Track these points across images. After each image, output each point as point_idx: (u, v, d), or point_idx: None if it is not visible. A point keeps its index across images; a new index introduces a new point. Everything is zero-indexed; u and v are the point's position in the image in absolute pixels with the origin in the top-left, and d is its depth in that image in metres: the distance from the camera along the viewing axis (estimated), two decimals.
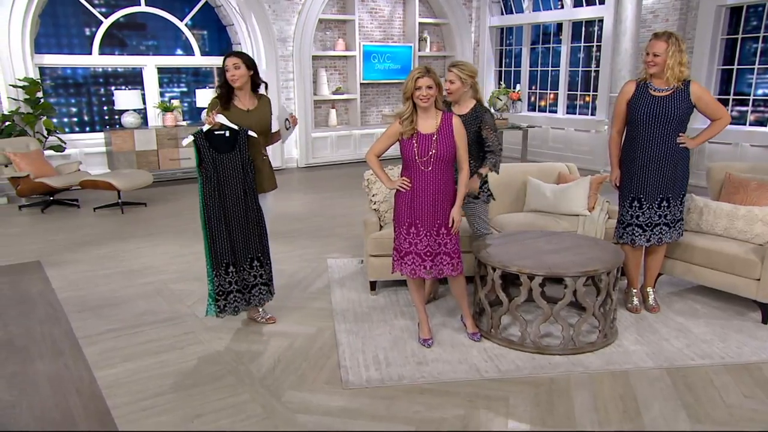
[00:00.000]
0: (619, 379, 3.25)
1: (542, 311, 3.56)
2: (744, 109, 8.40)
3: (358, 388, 3.19)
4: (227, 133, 3.65)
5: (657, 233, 3.94)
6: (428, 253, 3.50)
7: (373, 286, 4.48)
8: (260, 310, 4.03)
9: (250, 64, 3.79)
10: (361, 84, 10.86)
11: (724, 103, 8.57)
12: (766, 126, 7.99)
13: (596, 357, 3.48)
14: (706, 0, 8.28)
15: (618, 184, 4.07)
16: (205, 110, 3.93)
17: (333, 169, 10.40)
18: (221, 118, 3.63)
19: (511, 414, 2.95)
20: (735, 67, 8.40)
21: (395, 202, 3.57)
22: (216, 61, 10.28)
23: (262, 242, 3.86)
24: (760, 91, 8.32)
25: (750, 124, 8.26)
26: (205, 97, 9.22)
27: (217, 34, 11.10)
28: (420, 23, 11.21)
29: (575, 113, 10.59)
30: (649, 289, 4.17)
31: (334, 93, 10.80)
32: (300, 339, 3.79)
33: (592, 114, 10.15)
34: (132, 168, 8.54)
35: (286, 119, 4.11)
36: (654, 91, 3.80)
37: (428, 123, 3.42)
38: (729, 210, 4.17)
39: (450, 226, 3.49)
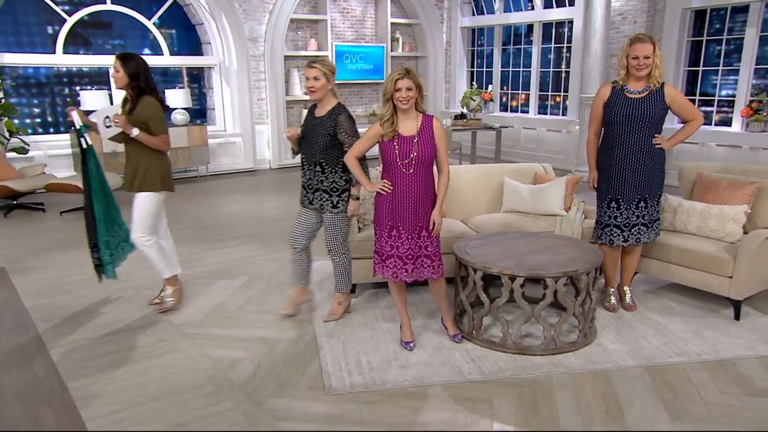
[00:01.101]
0: (600, 379, 3.28)
1: (522, 312, 3.58)
2: (709, 109, 8.61)
3: (342, 394, 3.15)
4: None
5: (635, 233, 4.00)
6: (410, 256, 3.48)
7: (352, 288, 4.43)
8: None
9: (131, 71, 3.97)
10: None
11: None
12: (730, 126, 8.20)
13: (577, 357, 3.51)
14: (672, 3, 8.46)
15: (596, 185, 4.11)
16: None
17: None
18: (74, 116, 3.95)
19: (495, 416, 2.95)
20: (700, 68, 8.61)
21: (376, 204, 3.54)
22: (186, 60, 10.12)
23: (91, 231, 4.11)
24: (723, 92, 8.54)
25: (715, 124, 8.46)
26: (175, 97, 9.05)
27: (186, 34, 10.91)
28: (392, 23, 11.21)
29: (546, 113, 10.72)
30: (626, 288, 4.23)
31: (306, 93, 10.69)
32: (280, 344, 3.73)
33: (563, 114, 10.29)
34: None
35: (106, 117, 4.06)
36: (630, 93, 3.86)
37: (409, 125, 3.39)
38: (702, 209, 4.26)
39: (431, 228, 3.48)
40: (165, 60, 9.84)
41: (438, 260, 3.55)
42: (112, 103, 9.11)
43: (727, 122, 8.30)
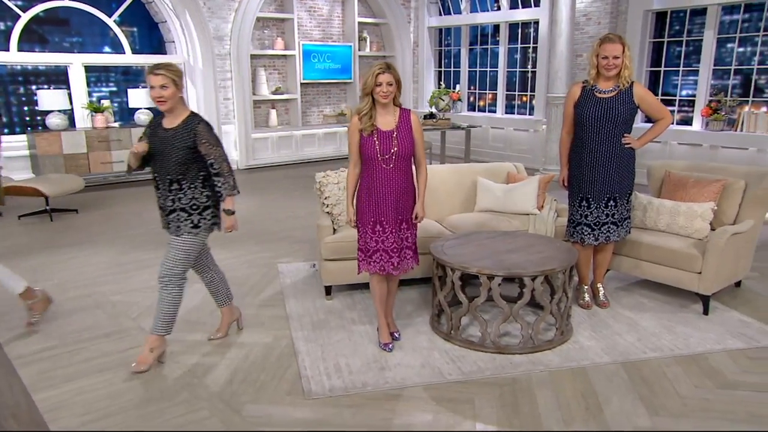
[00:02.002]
0: (579, 376, 3.31)
1: (498, 311, 3.59)
2: (671, 108, 8.81)
3: (322, 398, 3.10)
4: None
5: (605, 232, 4.05)
6: (395, 249, 3.48)
7: (328, 290, 4.39)
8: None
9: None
10: (301, 84, 10.69)
11: None
12: (691, 125, 8.42)
13: (555, 354, 3.54)
14: (634, 4, 8.64)
15: (566, 184, 4.16)
16: None
17: (275, 171, 10.19)
18: None
19: (477, 416, 2.94)
20: (662, 69, 8.82)
21: (357, 201, 3.52)
22: (149, 59, 9.87)
23: None
24: (684, 92, 8.77)
25: (677, 124, 8.68)
26: (138, 97, 8.81)
27: (148, 32, 10.67)
28: (359, 23, 11.17)
29: (514, 113, 10.84)
30: (599, 285, 4.29)
31: (273, 93, 10.59)
32: (256, 349, 3.65)
33: (530, 114, 10.41)
34: (60, 172, 8.03)
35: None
36: (599, 93, 3.89)
37: (387, 119, 3.39)
38: (671, 207, 4.35)
39: (412, 220, 3.51)
40: (127, 59, 9.60)
41: (415, 251, 3.60)
42: (71, 104, 8.83)
43: (688, 121, 8.52)
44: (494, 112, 11.04)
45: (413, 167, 3.55)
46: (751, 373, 3.31)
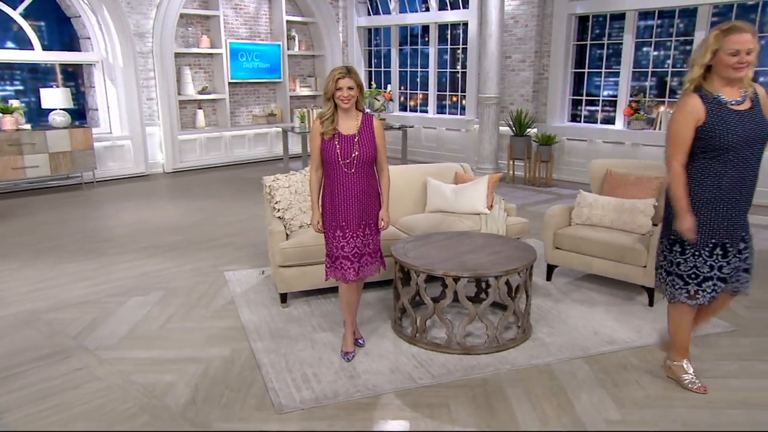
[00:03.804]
0: (545, 373, 3.37)
1: (458, 311, 3.60)
2: (594, 108, 9.26)
3: (293, 411, 2.98)
4: None
5: (737, 281, 3.10)
6: (356, 255, 3.40)
7: (284, 298, 4.24)
8: None
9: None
10: (229, 83, 10.35)
11: (578, 103, 9.39)
12: (614, 124, 8.86)
13: (519, 353, 3.59)
14: (558, 8, 8.98)
15: (688, 231, 2.93)
16: None
17: (204, 174, 9.81)
18: None
19: (455, 420, 2.93)
20: (586, 70, 9.22)
21: (322, 206, 3.44)
22: (63, 56, 9.23)
23: None
24: (606, 93, 9.21)
25: (600, 123, 9.11)
26: (52, 97, 8.21)
27: (57, 27, 10.00)
28: (287, 21, 10.96)
29: (445, 113, 10.99)
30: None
31: (200, 92, 10.18)
32: (215, 363, 3.47)
33: (461, 113, 10.60)
34: None
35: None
36: (733, 105, 2.83)
37: (349, 124, 3.34)
38: (615, 204, 4.53)
39: (376, 226, 3.45)
40: (37, 56, 8.91)
41: (378, 257, 3.54)
42: None
43: (611, 121, 8.96)
44: (426, 112, 11.15)
45: (375, 172, 3.48)
46: (701, 361, 3.48)
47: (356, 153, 3.30)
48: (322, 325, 3.96)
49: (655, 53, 8.65)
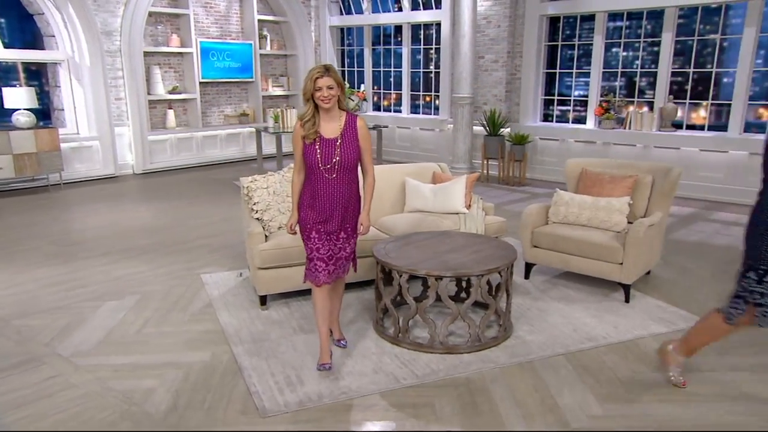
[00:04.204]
0: (527, 371, 3.40)
1: (440, 310, 3.61)
2: (566, 108, 9.39)
3: (279, 415, 2.95)
4: None
5: None
6: (330, 257, 3.31)
7: (263, 300, 4.19)
8: None
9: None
10: (200, 83, 10.20)
11: (549, 102, 9.51)
12: (585, 123, 9.00)
13: (501, 351, 3.61)
14: (530, 9, 9.09)
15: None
16: None
17: (175, 175, 9.65)
18: None
19: (440, 419, 2.93)
20: (557, 70, 9.35)
21: (300, 208, 3.34)
22: (26, 55, 8.97)
23: None
24: (577, 93, 9.36)
25: (572, 122, 9.25)
26: (16, 96, 7.98)
27: (19, 24, 9.76)
28: (259, 20, 10.85)
29: (419, 113, 11.02)
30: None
31: (170, 92, 10.01)
32: (195, 368, 3.41)
33: (435, 113, 10.64)
34: None
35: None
36: None
37: (331, 126, 3.21)
38: (591, 202, 4.59)
39: (354, 230, 3.37)
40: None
41: (354, 258, 3.49)
42: None
43: (582, 120, 9.10)
44: (400, 111, 11.17)
45: (360, 175, 3.37)
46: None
47: (337, 158, 3.19)
48: (303, 327, 3.92)
49: (624, 54, 8.82)
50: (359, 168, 3.36)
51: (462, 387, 3.22)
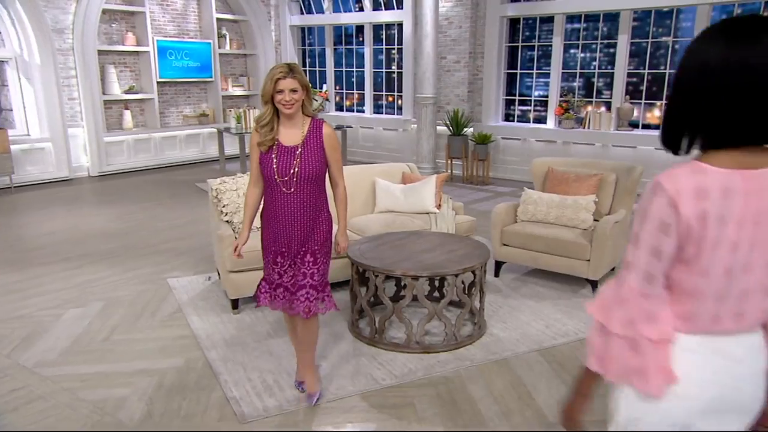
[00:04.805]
0: (503, 368, 3.45)
1: (414, 310, 3.62)
2: (526, 108, 9.55)
3: (258, 420, 2.90)
4: None
5: None
6: (294, 285, 2.90)
7: (235, 304, 4.12)
8: None
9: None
10: (157, 82, 9.96)
11: (511, 102, 9.67)
12: (545, 123, 9.17)
13: (477, 349, 3.65)
14: (491, 10, 9.20)
15: None
16: None
17: (133, 177, 9.38)
18: None
19: (422, 419, 2.94)
20: (518, 71, 9.50)
21: (261, 225, 3.01)
22: None
23: None
24: (537, 93, 9.53)
25: (533, 122, 9.42)
26: None
27: None
28: (217, 19, 10.67)
29: (382, 113, 11.03)
30: None
31: (126, 92, 9.74)
32: (169, 374, 3.32)
33: (398, 113, 10.67)
34: None
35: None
36: None
37: (292, 132, 2.80)
38: (558, 200, 4.69)
39: (321, 254, 2.93)
40: None
41: (322, 291, 2.94)
42: None
43: (542, 120, 9.27)
44: (363, 111, 11.16)
45: (325, 189, 2.95)
46: None
47: (296, 169, 2.76)
48: (278, 330, 3.87)
49: (582, 55, 9.03)
50: (326, 180, 2.96)
51: (441, 386, 3.24)
